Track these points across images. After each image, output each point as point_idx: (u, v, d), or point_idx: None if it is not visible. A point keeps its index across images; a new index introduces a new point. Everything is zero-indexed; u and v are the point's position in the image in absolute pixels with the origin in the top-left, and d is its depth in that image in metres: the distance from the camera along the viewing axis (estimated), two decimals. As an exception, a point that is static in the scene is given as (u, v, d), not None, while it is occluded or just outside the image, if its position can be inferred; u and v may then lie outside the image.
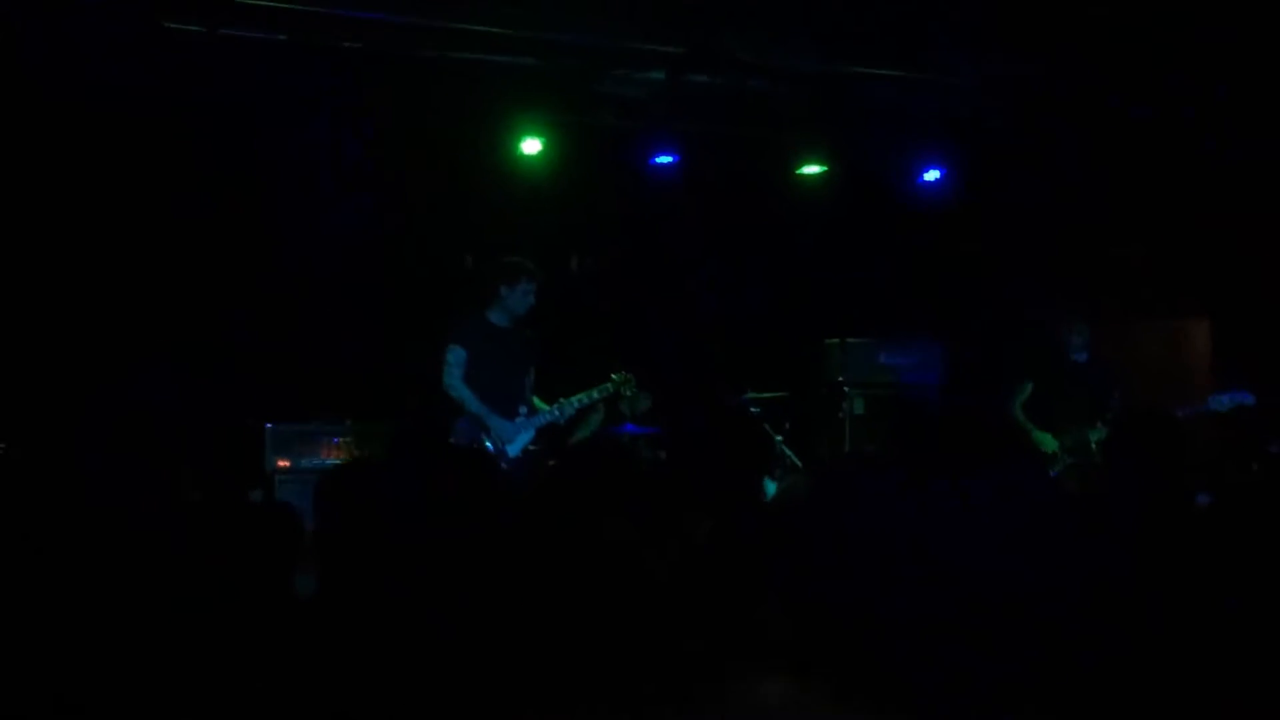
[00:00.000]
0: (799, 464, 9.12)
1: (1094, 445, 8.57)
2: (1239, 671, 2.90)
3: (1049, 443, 8.66)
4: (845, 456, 7.76)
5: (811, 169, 9.84)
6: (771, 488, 8.63)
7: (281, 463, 8.17)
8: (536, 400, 7.96)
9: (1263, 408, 8.35)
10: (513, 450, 7.81)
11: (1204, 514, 3.89)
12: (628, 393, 8.54)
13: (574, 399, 8.02)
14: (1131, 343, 10.32)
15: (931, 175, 9.97)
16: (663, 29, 7.55)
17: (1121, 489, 3.88)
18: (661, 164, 9.38)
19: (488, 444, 7.73)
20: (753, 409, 9.13)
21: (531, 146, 8.90)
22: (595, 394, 8.13)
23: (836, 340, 10.02)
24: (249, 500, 7.48)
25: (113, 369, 7.92)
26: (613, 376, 8.20)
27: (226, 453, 7.60)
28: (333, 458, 8.23)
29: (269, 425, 8.19)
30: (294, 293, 8.69)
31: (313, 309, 8.72)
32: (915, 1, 7.17)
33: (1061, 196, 10.12)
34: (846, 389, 9.89)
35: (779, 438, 9.17)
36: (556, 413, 7.98)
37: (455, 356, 7.69)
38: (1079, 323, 8.83)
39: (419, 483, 3.48)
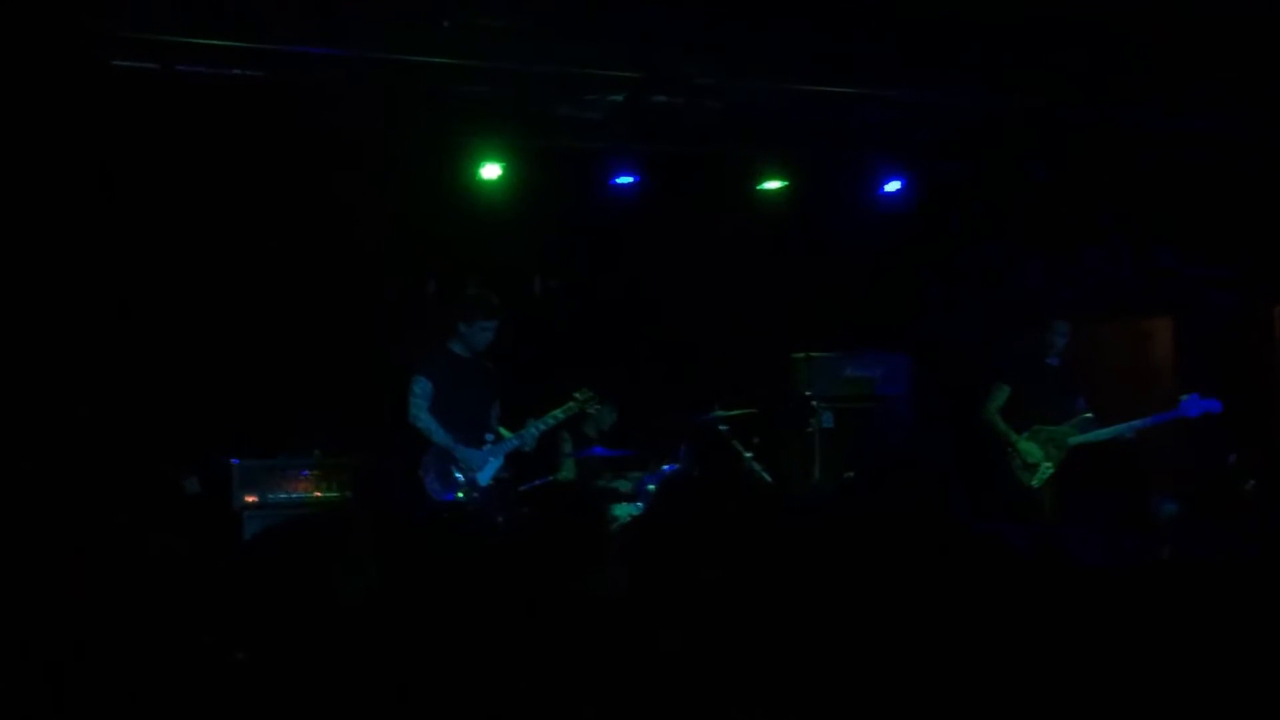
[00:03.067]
0: (768, 480, 9.13)
1: (1069, 446, 8.62)
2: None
3: (1034, 452, 8.67)
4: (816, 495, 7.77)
5: (772, 184, 9.86)
6: None
7: (249, 499, 8.10)
8: (502, 430, 7.95)
9: (1229, 415, 8.41)
10: (483, 479, 7.80)
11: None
12: (592, 410, 8.53)
13: (539, 421, 8.00)
14: (1095, 344, 10.39)
15: (892, 186, 9.99)
16: (619, 53, 7.54)
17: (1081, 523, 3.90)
18: (622, 184, 9.37)
19: (457, 474, 7.72)
20: (721, 426, 9.15)
21: (491, 172, 8.89)
22: (560, 414, 8.11)
23: (803, 354, 10.04)
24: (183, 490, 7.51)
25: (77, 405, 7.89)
26: (575, 395, 8.19)
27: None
28: (300, 492, 8.18)
29: (235, 461, 8.12)
30: (257, 325, 8.65)
31: (276, 341, 8.68)
32: (870, 22, 7.18)
33: (1021, 201, 10.19)
34: (814, 403, 9.91)
35: (749, 454, 9.18)
36: (524, 437, 7.97)
37: (420, 388, 7.70)
38: (1059, 322, 8.80)
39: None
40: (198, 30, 6.82)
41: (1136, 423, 8.50)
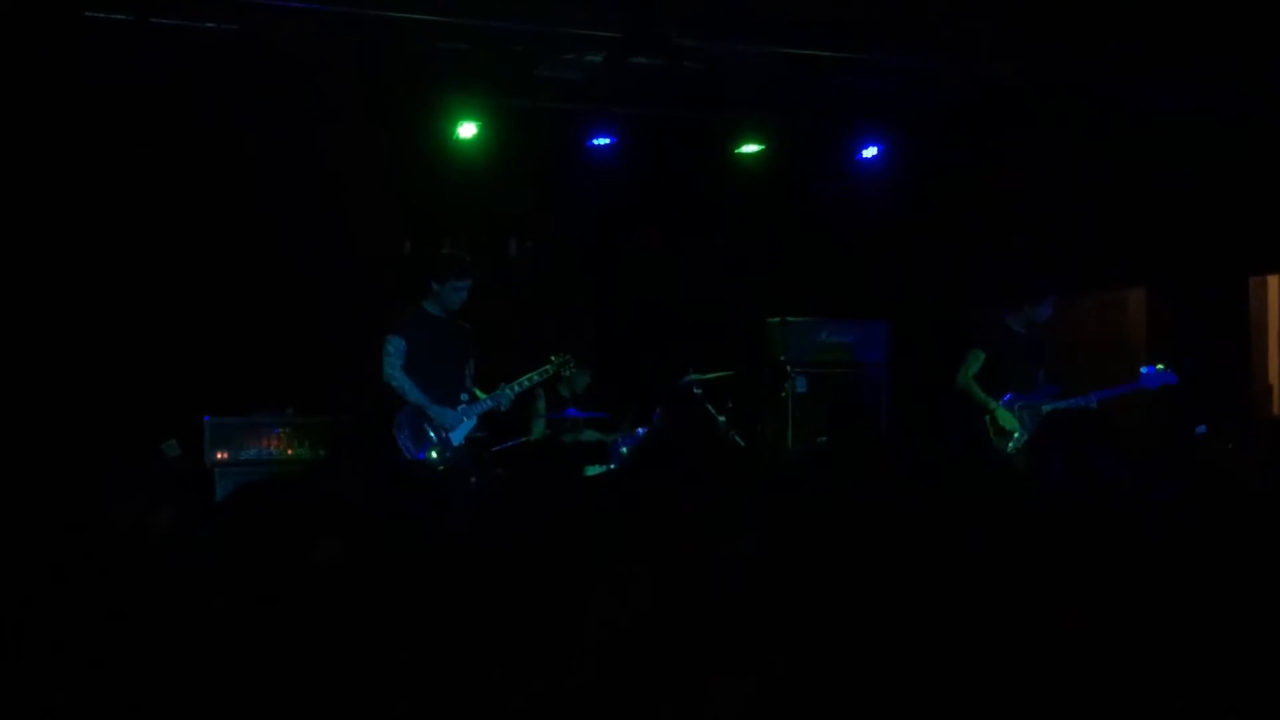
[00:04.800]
0: (742, 444, 9.13)
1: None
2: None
3: (1010, 420, 8.67)
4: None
5: (751, 148, 9.82)
6: None
7: (221, 455, 8.06)
8: (477, 390, 7.93)
9: (1188, 387, 8.44)
10: (456, 438, 7.78)
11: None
12: (566, 373, 8.53)
13: (514, 384, 7.98)
14: (1068, 314, 10.38)
15: (870, 152, 9.96)
16: (600, 13, 7.48)
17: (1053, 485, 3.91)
18: (600, 146, 9.32)
19: (431, 433, 7.69)
20: (695, 390, 9.15)
21: (468, 130, 8.82)
22: (535, 377, 8.10)
23: (778, 319, 10.01)
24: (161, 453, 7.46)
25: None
26: (551, 359, 8.17)
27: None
28: (272, 449, 8.14)
29: (207, 418, 8.08)
30: (233, 283, 8.59)
31: (250, 298, 8.63)
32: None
33: (998, 171, 10.18)
34: (789, 368, 9.88)
35: (722, 418, 9.18)
36: (498, 398, 7.95)
37: (394, 346, 7.66)
38: (1050, 297, 8.75)
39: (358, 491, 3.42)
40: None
41: (1099, 393, 8.53)
